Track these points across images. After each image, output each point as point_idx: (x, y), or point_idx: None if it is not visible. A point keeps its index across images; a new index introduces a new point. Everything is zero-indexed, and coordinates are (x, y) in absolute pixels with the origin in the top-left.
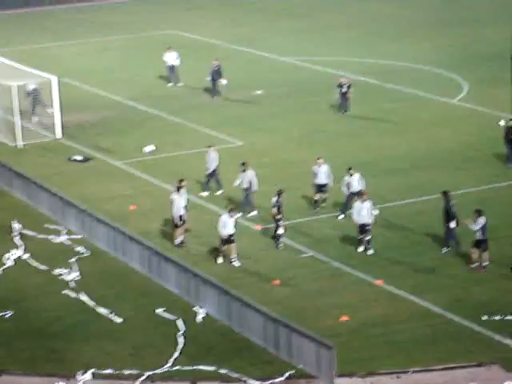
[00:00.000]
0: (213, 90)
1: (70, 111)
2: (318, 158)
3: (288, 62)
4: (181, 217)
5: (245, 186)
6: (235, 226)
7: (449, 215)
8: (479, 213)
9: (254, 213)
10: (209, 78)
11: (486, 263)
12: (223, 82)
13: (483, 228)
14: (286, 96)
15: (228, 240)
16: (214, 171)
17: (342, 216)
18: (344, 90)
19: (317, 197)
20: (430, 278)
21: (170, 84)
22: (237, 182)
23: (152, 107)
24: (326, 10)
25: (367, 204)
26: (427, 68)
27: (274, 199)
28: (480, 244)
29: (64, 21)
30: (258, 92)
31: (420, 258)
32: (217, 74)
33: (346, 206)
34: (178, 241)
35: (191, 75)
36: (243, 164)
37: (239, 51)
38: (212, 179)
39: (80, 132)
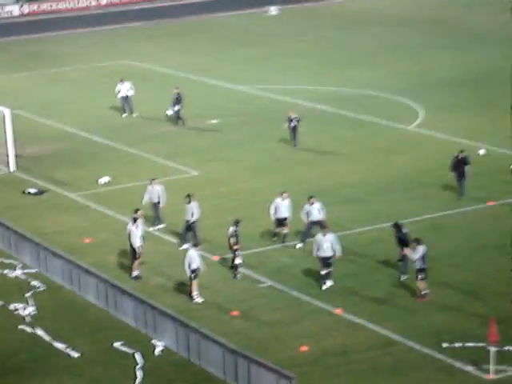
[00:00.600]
0: (174, 119)
1: (23, 143)
2: (283, 192)
3: (243, 91)
4: (137, 248)
5: (188, 217)
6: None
7: (403, 243)
8: (418, 241)
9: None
10: (173, 108)
11: (426, 291)
12: (169, 112)
13: (423, 257)
14: (242, 125)
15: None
16: (157, 204)
17: (301, 245)
18: (293, 123)
19: (277, 230)
20: (389, 305)
21: (124, 114)
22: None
23: (107, 138)
24: (281, 38)
25: (329, 237)
26: (383, 95)
27: (232, 229)
28: (419, 272)
29: (14, 53)
30: (214, 121)
31: (379, 286)
32: (177, 102)
33: (305, 234)
34: (135, 273)
35: (145, 105)
36: (188, 196)
37: (194, 80)
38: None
39: (34, 164)
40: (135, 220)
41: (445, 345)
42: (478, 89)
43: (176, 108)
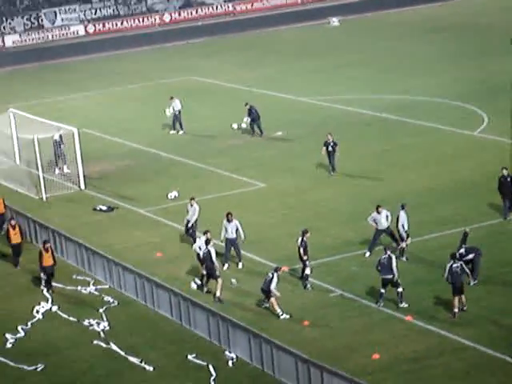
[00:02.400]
0: (252, 131)
1: (91, 161)
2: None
3: (307, 102)
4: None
5: (230, 236)
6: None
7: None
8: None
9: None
10: (246, 120)
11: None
12: (234, 126)
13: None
14: (307, 136)
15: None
16: (193, 224)
17: (368, 254)
18: (330, 148)
19: (403, 244)
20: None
21: (172, 131)
22: (222, 235)
23: (173, 153)
24: (341, 49)
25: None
26: (446, 101)
27: (299, 239)
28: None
29: (81, 72)
30: (279, 133)
31: (448, 292)
32: (254, 116)
33: (373, 243)
34: (218, 294)
35: (210, 120)
36: (228, 214)
37: (257, 94)
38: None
39: (103, 182)
40: (208, 242)
41: None
42: None
43: (248, 120)
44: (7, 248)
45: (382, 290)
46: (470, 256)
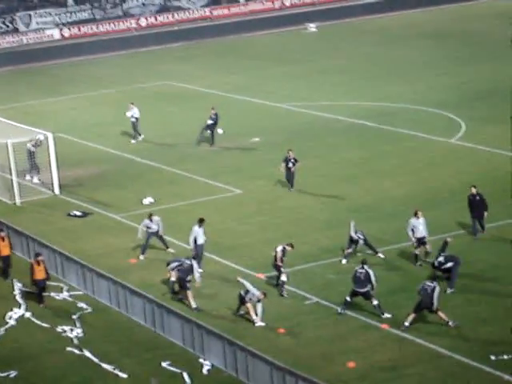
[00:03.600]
0: (211, 139)
1: (66, 166)
2: (417, 212)
3: (283, 108)
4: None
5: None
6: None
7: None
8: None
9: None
10: (208, 127)
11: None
12: (219, 131)
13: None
14: (284, 142)
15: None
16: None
17: (345, 261)
18: (290, 164)
19: (417, 251)
20: (435, 319)
21: (133, 141)
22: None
23: (149, 159)
24: (318, 55)
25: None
26: (424, 108)
27: (280, 248)
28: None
29: (55, 76)
30: (255, 139)
31: None
32: (214, 123)
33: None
34: (193, 305)
35: (186, 125)
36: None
37: (234, 99)
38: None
39: (78, 187)
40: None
41: (493, 357)
42: None
43: (209, 126)
44: None
45: (348, 299)
46: (449, 264)
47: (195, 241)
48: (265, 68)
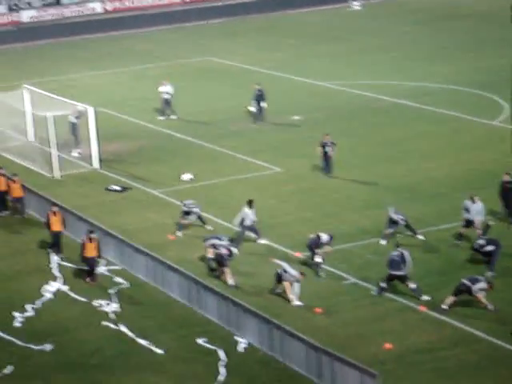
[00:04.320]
0: (255, 115)
1: (106, 141)
2: (473, 196)
3: (325, 87)
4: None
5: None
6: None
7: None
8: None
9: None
10: (254, 104)
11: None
12: (251, 108)
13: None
14: (325, 121)
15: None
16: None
17: (384, 242)
18: (327, 149)
19: (462, 230)
20: (474, 302)
21: (161, 117)
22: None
23: (189, 135)
24: (362, 33)
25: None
26: (466, 89)
27: (327, 237)
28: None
29: (97, 50)
30: (296, 117)
31: None
32: (260, 98)
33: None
34: (230, 282)
35: (227, 101)
36: (250, 201)
37: (276, 76)
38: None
39: (117, 162)
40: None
41: None
42: None
43: (259, 104)
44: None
45: (384, 285)
46: (490, 248)
47: (242, 222)
48: (307, 46)
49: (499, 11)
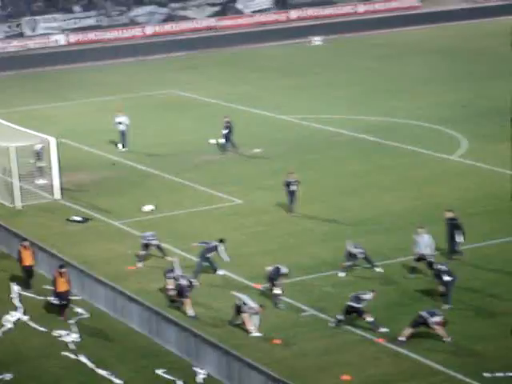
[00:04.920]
0: (224, 146)
1: (68, 172)
2: (420, 227)
3: (286, 120)
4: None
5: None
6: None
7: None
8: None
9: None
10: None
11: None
12: (211, 141)
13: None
14: (286, 154)
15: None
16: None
17: (343, 274)
18: (292, 187)
19: (414, 264)
20: (431, 334)
21: (120, 146)
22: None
23: (151, 167)
24: (324, 68)
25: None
26: (426, 124)
27: (285, 269)
28: None
29: (60, 82)
30: (257, 150)
31: None
32: (228, 130)
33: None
34: (190, 313)
35: (189, 134)
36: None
37: (237, 110)
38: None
39: (79, 192)
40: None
41: (486, 374)
42: None
43: (225, 135)
44: None
45: (340, 317)
46: (447, 278)
47: (204, 253)
48: (269, 80)
49: (461, 47)
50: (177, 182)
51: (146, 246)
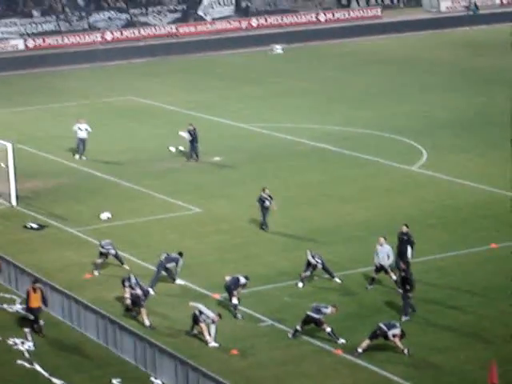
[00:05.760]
0: (189, 154)
1: (25, 178)
2: (382, 237)
3: (247, 129)
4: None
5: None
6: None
7: (406, 283)
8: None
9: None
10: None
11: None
12: (172, 148)
13: None
14: (245, 162)
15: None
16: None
17: (301, 284)
18: (267, 203)
19: (374, 274)
20: (389, 346)
21: (77, 156)
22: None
23: (108, 174)
24: (285, 76)
25: None
26: (386, 135)
27: (244, 280)
28: None
29: (18, 87)
30: (217, 158)
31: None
32: (193, 138)
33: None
34: (147, 323)
35: (147, 142)
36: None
37: (196, 117)
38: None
39: (35, 199)
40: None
41: None
42: (482, 130)
43: (193, 144)
44: None
45: (298, 327)
46: (406, 287)
47: (161, 263)
48: (229, 88)
49: (421, 57)
50: (135, 190)
51: (103, 255)
